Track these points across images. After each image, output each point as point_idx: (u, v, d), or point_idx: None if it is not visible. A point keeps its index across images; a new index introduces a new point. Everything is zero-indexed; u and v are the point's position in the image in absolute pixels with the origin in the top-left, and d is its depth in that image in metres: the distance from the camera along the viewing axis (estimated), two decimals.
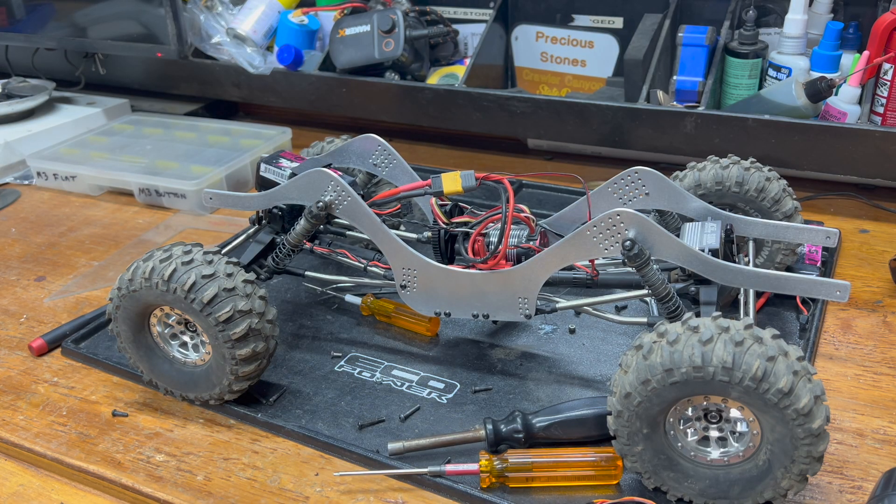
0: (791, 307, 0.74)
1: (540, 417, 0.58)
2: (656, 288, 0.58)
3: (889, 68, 0.87)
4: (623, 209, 0.56)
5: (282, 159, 0.73)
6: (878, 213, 0.94)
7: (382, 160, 0.74)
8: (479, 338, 0.73)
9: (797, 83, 0.90)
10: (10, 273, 0.91)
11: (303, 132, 1.20)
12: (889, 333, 0.72)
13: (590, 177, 0.70)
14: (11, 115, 1.24)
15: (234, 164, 1.06)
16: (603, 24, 1.13)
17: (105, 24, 1.24)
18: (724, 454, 0.52)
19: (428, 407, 0.64)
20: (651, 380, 0.49)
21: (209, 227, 0.99)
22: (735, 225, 0.65)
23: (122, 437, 0.64)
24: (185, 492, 0.58)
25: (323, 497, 0.57)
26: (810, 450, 0.48)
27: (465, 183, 0.65)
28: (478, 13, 1.19)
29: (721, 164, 0.70)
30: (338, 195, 0.66)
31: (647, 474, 0.54)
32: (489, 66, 1.15)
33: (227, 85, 1.22)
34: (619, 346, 0.71)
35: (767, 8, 1.01)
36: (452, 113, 1.07)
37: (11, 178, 1.16)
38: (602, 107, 0.98)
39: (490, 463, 0.55)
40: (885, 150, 0.86)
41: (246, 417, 0.65)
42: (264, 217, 0.73)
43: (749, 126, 0.91)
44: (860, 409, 0.63)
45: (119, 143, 1.17)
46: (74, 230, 1.01)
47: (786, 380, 0.46)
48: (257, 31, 1.19)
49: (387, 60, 1.09)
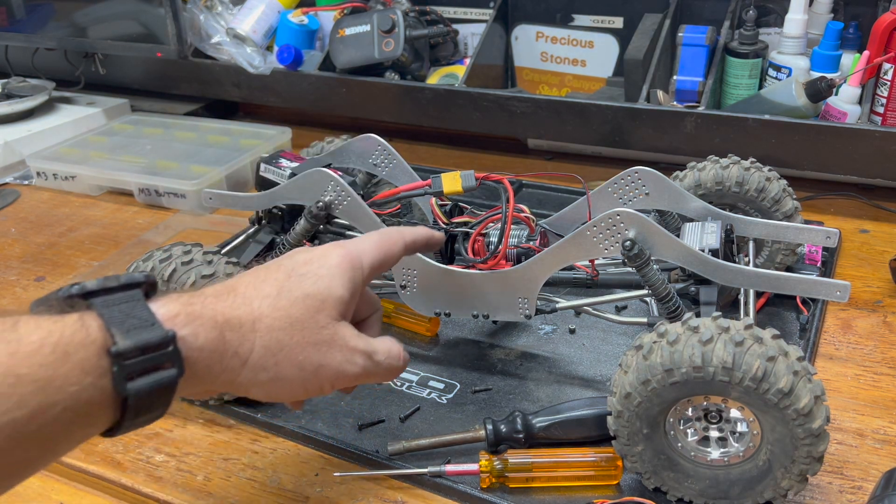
0: (791, 307, 0.74)
1: (540, 418, 0.58)
2: (656, 288, 0.58)
3: (889, 68, 0.87)
4: (623, 209, 0.56)
5: (282, 159, 0.73)
6: (879, 213, 0.94)
7: (382, 160, 0.74)
8: (479, 338, 0.73)
9: (797, 83, 0.90)
10: (10, 273, 0.91)
11: (303, 132, 1.20)
12: (889, 333, 0.72)
13: (590, 177, 0.70)
14: (11, 114, 1.24)
15: (234, 164, 1.06)
16: (603, 24, 1.13)
17: (105, 24, 1.24)
18: (725, 454, 0.52)
19: (428, 407, 0.64)
20: (651, 380, 0.49)
21: (209, 227, 0.99)
22: (735, 225, 0.65)
23: (121, 437, 0.64)
24: (184, 492, 0.58)
25: (323, 497, 0.57)
26: (810, 450, 0.48)
27: (465, 183, 0.65)
28: (478, 13, 1.19)
29: (721, 164, 0.70)
30: (338, 195, 0.66)
31: (647, 474, 0.54)
32: (489, 66, 1.15)
33: (227, 85, 1.22)
34: (619, 347, 0.71)
35: (767, 8, 1.01)
36: (452, 113, 1.07)
37: (11, 178, 1.16)
38: (602, 107, 0.98)
39: (490, 463, 0.55)
40: (885, 150, 0.86)
41: (246, 417, 0.65)
42: (264, 217, 0.73)
43: (749, 126, 0.91)
44: (860, 410, 0.63)
45: (119, 143, 1.16)
46: (74, 230, 1.01)
47: (786, 380, 0.46)
48: (257, 31, 1.18)
49: (387, 60, 1.09)
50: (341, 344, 0.46)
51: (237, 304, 0.44)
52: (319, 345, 0.45)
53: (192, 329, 0.40)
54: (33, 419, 0.33)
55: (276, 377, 0.44)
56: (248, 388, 0.44)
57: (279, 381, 0.44)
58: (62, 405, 0.34)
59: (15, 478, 0.35)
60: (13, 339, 0.34)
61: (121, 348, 0.36)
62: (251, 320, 0.43)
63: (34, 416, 0.33)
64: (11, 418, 0.32)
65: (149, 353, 0.37)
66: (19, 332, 0.34)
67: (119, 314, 0.37)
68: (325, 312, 0.46)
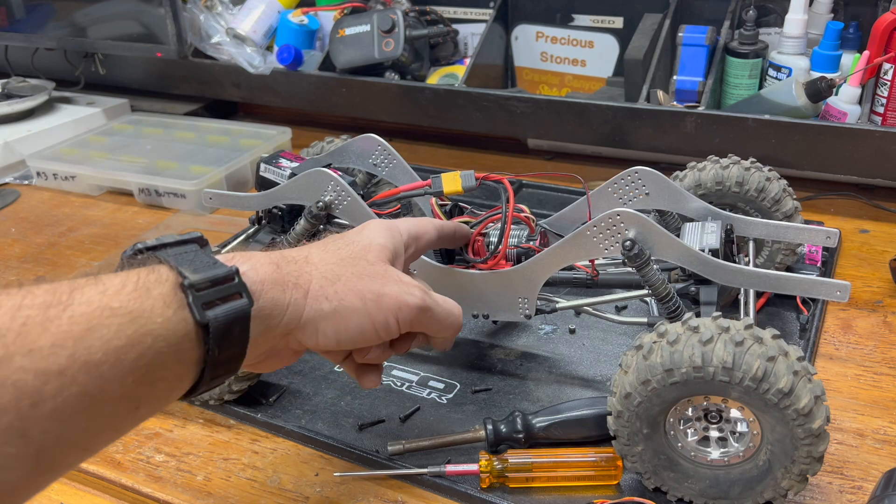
0: (791, 307, 0.74)
1: (540, 418, 0.58)
2: (656, 288, 0.58)
3: (889, 68, 0.87)
4: (623, 209, 0.56)
5: (282, 159, 0.73)
6: (879, 213, 0.94)
7: (382, 160, 0.74)
8: (479, 338, 0.73)
9: (797, 83, 0.90)
10: (10, 273, 0.91)
11: (303, 132, 1.20)
12: (889, 333, 0.72)
13: (590, 177, 0.70)
14: (11, 115, 1.24)
15: (233, 164, 1.06)
16: (603, 23, 1.13)
17: (105, 24, 1.24)
18: (725, 454, 0.52)
19: (428, 407, 0.64)
20: (651, 380, 0.49)
21: (209, 227, 0.99)
22: (735, 225, 0.65)
23: (121, 438, 0.64)
24: (184, 492, 0.58)
25: (323, 497, 0.57)
26: (810, 450, 0.48)
27: (465, 183, 0.65)
28: (478, 13, 1.19)
29: (721, 164, 0.70)
30: (338, 195, 0.66)
31: (647, 474, 0.54)
32: (489, 66, 1.15)
33: (227, 85, 1.22)
34: (619, 347, 0.71)
35: (767, 8, 1.01)
36: (452, 113, 1.07)
37: (11, 178, 1.16)
38: (602, 107, 0.98)
39: (490, 463, 0.55)
40: (885, 150, 0.86)
41: (246, 417, 0.65)
42: (264, 217, 0.73)
43: (749, 126, 0.91)
44: (860, 410, 0.63)
45: (119, 143, 1.16)
46: (74, 230, 1.01)
47: (786, 380, 0.46)
48: (257, 31, 1.18)
49: (387, 60, 1.09)
50: (395, 278, 0.48)
51: (286, 251, 0.47)
52: (374, 276, 0.47)
53: (251, 265, 0.43)
54: (131, 348, 0.35)
55: (339, 308, 0.46)
56: (316, 324, 0.45)
57: (344, 312, 0.46)
58: (153, 335, 0.36)
59: (121, 419, 0.37)
60: (99, 283, 0.36)
61: (192, 281, 0.38)
62: (303, 256, 0.47)
63: (131, 345, 0.35)
64: (113, 347, 0.34)
65: (218, 285, 0.39)
66: (101, 279, 0.36)
67: (184, 259, 0.40)
68: (373, 252, 0.49)
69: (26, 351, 0.32)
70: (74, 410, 0.33)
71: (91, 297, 0.35)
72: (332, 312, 0.46)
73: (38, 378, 0.32)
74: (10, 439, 0.31)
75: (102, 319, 0.34)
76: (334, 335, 0.46)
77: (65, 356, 0.32)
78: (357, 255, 0.48)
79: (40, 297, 0.33)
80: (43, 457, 0.32)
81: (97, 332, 0.34)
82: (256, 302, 0.41)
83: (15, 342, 0.32)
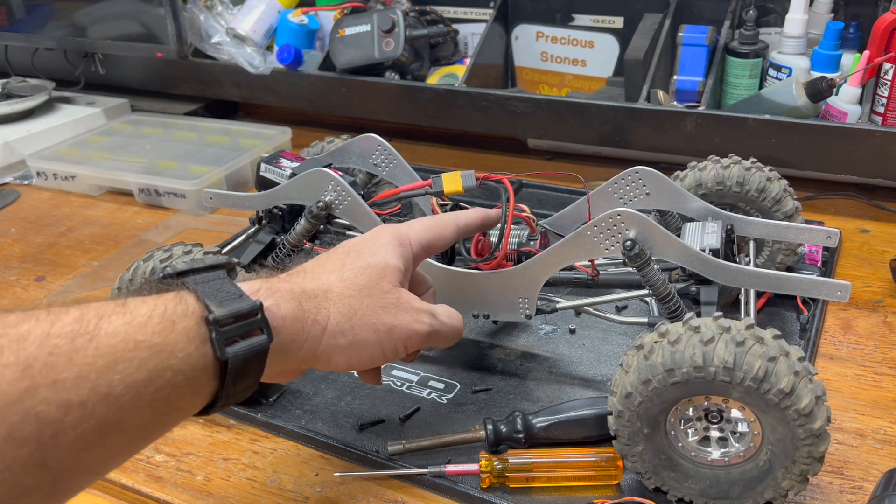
0: (791, 307, 0.74)
1: (540, 418, 0.58)
2: (657, 288, 0.58)
3: (889, 68, 0.87)
4: (624, 209, 0.56)
5: (282, 159, 0.73)
6: (879, 213, 0.94)
7: (382, 160, 0.74)
8: (479, 338, 0.73)
9: (797, 83, 0.90)
10: (10, 273, 0.91)
11: (303, 132, 1.20)
12: (889, 333, 0.72)
13: (590, 177, 0.70)
14: (11, 114, 1.24)
15: (233, 164, 1.06)
16: (603, 23, 1.13)
17: (105, 23, 1.24)
18: (725, 454, 0.52)
19: (428, 407, 0.64)
20: (652, 380, 0.49)
21: (209, 227, 0.99)
22: (736, 225, 0.65)
23: None
24: (184, 492, 0.58)
25: (323, 497, 0.57)
26: (811, 450, 0.48)
27: (465, 183, 0.65)
28: (478, 13, 1.19)
29: (722, 164, 0.70)
30: (338, 195, 0.66)
31: (647, 474, 0.54)
32: (489, 65, 1.15)
33: (226, 85, 1.22)
34: (619, 346, 0.71)
35: (768, 8, 1.01)
36: (452, 113, 1.07)
37: (11, 178, 1.16)
38: (602, 107, 0.98)
39: (490, 463, 0.55)
40: (885, 150, 0.86)
41: (246, 417, 0.65)
42: (264, 217, 0.73)
43: (749, 126, 0.91)
44: (861, 410, 0.63)
45: (119, 143, 1.16)
46: (74, 230, 1.01)
47: (787, 380, 0.46)
48: (257, 31, 1.18)
49: (387, 60, 1.09)
50: (407, 306, 0.50)
51: (308, 280, 0.48)
52: (388, 307, 0.49)
53: (275, 300, 0.44)
54: (151, 382, 0.36)
55: (354, 341, 0.48)
56: (329, 356, 0.47)
57: (358, 345, 0.48)
58: (172, 369, 0.36)
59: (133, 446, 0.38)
60: (126, 311, 0.37)
61: (217, 316, 0.39)
62: (323, 291, 0.48)
63: (151, 379, 0.36)
64: (133, 380, 0.35)
65: (241, 320, 0.40)
66: (129, 307, 0.37)
67: (210, 289, 0.40)
68: (387, 279, 0.50)
69: (51, 382, 0.32)
70: (92, 441, 0.33)
71: (117, 327, 0.35)
72: (347, 346, 0.48)
73: (59, 409, 0.32)
74: (30, 469, 0.31)
75: (126, 353, 0.35)
76: (346, 364, 0.48)
77: (87, 388, 0.33)
78: (373, 285, 0.49)
79: (68, 326, 0.34)
80: (59, 485, 0.33)
81: (120, 365, 0.34)
82: (276, 337, 0.42)
83: (41, 372, 0.32)
